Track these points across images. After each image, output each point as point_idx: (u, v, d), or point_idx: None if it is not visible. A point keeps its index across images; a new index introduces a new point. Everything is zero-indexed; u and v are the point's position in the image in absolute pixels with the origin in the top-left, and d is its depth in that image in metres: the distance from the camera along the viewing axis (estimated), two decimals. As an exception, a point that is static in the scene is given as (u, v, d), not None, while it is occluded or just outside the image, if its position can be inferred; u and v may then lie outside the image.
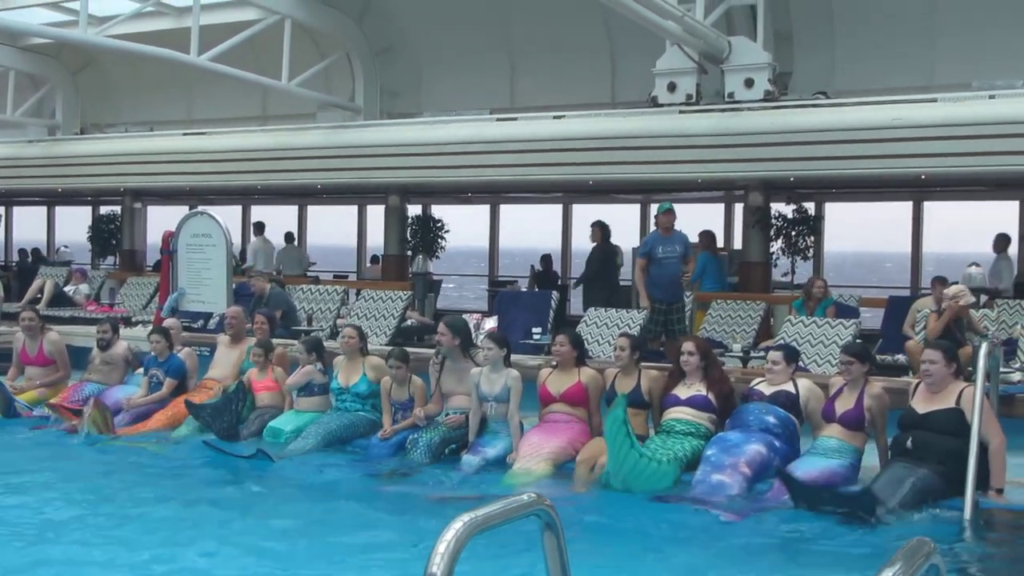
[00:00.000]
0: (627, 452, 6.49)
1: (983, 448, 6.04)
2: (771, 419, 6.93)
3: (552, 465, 7.08)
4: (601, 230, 14.74)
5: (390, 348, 8.79)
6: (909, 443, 6.23)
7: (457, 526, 2.40)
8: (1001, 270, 14.15)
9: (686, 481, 6.63)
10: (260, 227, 19.35)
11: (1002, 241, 14.46)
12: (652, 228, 11.81)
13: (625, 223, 19.83)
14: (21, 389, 9.63)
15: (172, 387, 9.18)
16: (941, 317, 9.40)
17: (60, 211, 25.39)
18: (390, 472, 7.32)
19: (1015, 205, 16.14)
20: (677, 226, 10.88)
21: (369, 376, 8.34)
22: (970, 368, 6.55)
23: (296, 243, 19.70)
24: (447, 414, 7.89)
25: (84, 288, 16.40)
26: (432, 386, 8.01)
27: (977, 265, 12.28)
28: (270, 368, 8.88)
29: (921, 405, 6.36)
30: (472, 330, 8.99)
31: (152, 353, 9.39)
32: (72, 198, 22.53)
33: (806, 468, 6.50)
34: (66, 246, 22.39)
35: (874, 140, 12.03)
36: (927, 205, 16.75)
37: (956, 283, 11.38)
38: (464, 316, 10.66)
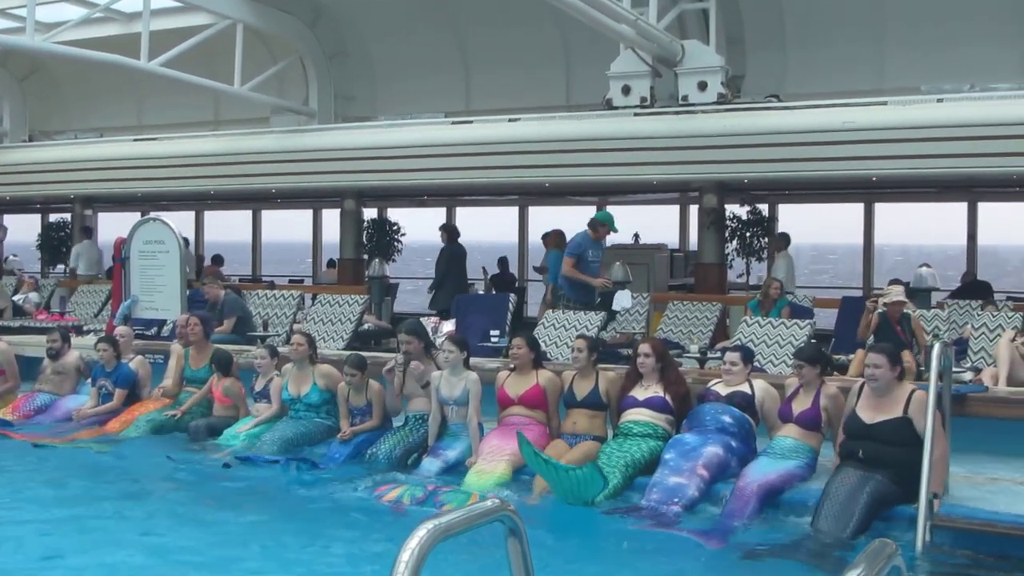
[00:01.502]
0: (550, 470, 6.54)
1: (916, 457, 5.86)
2: (727, 419, 6.97)
3: (511, 467, 7.06)
4: (448, 232, 15.26)
5: (347, 354, 8.73)
6: (860, 454, 6.17)
7: (421, 534, 2.38)
8: (780, 269, 14.48)
9: (641, 486, 6.63)
10: (87, 231, 19.28)
11: (782, 240, 15.03)
12: (585, 230, 12.04)
13: (582, 225, 19.88)
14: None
15: (123, 397, 9.06)
16: (870, 317, 9.57)
17: (8, 219, 24.97)
18: (349, 479, 7.26)
19: (963, 207, 16.40)
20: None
21: (319, 384, 8.28)
22: (923, 368, 6.60)
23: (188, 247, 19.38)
24: (405, 419, 7.87)
25: (34, 297, 16.12)
26: (396, 390, 7.97)
27: (928, 266, 12.46)
28: (222, 380, 8.77)
29: (868, 413, 6.29)
30: (431, 333, 8.96)
31: (100, 363, 9.25)
32: (21, 205, 22.17)
33: (764, 471, 6.49)
34: (15, 255, 22.03)
35: (826, 143, 12.19)
36: (878, 207, 16.98)
37: (908, 284, 11.55)
38: (421, 319, 10.63)
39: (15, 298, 15.75)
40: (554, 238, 14.64)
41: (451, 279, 14.82)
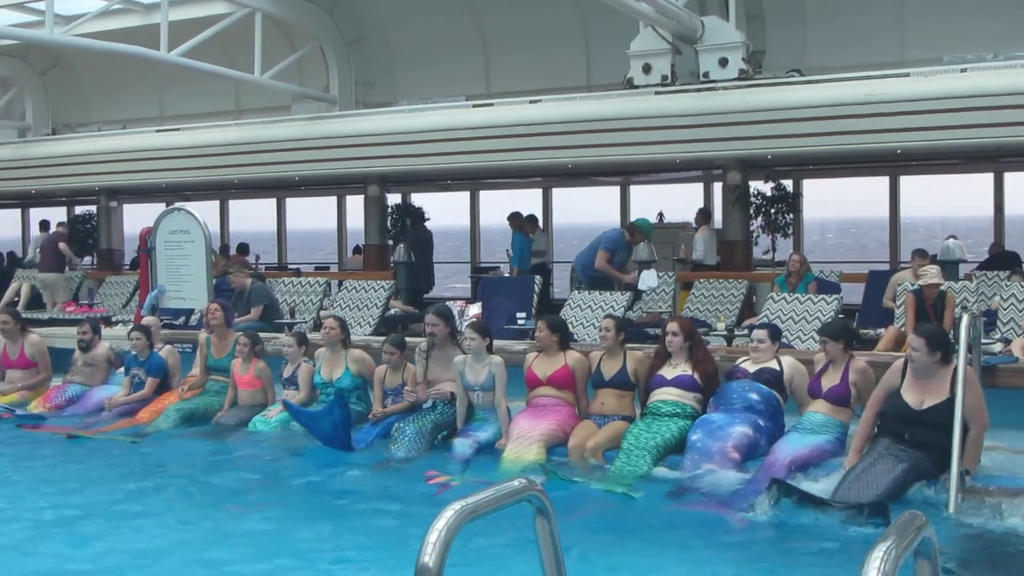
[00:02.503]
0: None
1: (964, 429, 5.91)
2: (754, 396, 6.95)
3: (544, 448, 7.08)
4: (411, 217, 16.21)
5: (384, 336, 8.74)
6: (906, 436, 6.04)
7: (448, 515, 2.38)
8: (698, 243, 15.16)
9: (671, 464, 6.63)
10: (44, 224, 19.49)
11: (702, 216, 15.48)
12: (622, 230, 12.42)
13: (607, 206, 19.91)
14: (2, 392, 9.55)
15: (154, 385, 9.13)
16: (910, 308, 9.43)
17: (35, 212, 25.17)
18: (381, 463, 7.28)
19: (989, 177, 16.24)
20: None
21: (352, 369, 8.31)
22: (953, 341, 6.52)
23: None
24: (432, 403, 7.89)
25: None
26: (419, 376, 8.00)
27: (955, 238, 12.34)
28: (253, 361, 8.81)
29: (914, 398, 6.11)
30: (457, 317, 8.97)
31: (132, 352, 9.32)
32: (46, 199, 22.35)
33: (795, 446, 6.50)
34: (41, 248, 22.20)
35: (849, 116, 12.09)
36: (903, 179, 16.84)
37: (935, 257, 11.45)
38: (448, 303, 10.65)
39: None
40: (516, 220, 15.27)
41: (419, 263, 15.41)
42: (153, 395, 9.06)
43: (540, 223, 17.81)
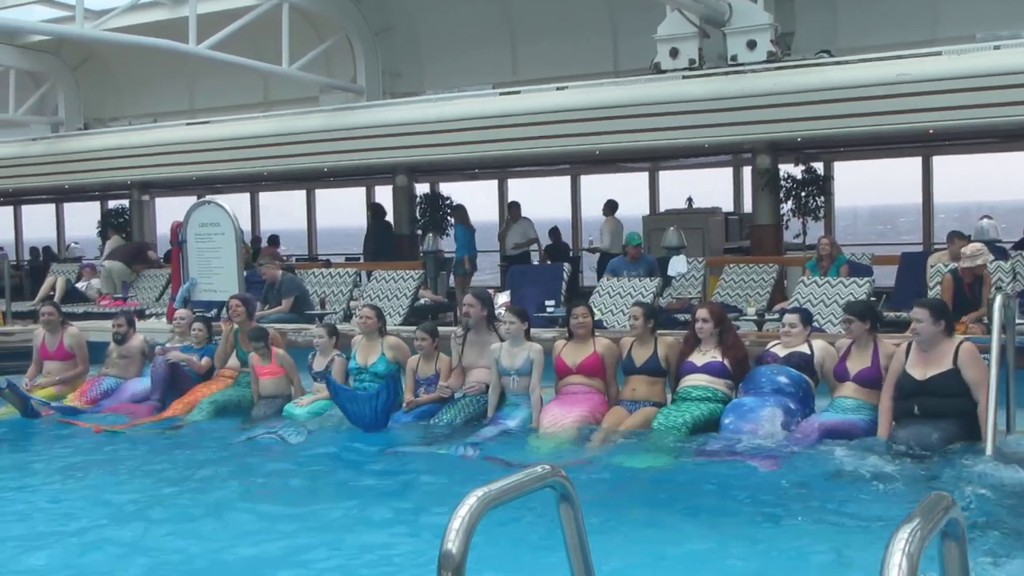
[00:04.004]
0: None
1: (973, 405, 6.07)
2: (783, 379, 6.91)
3: (573, 433, 7.10)
4: (372, 210, 16.79)
5: (416, 324, 8.77)
6: (916, 410, 6.18)
7: (471, 501, 2.38)
8: (604, 232, 15.94)
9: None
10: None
11: (608, 207, 16.08)
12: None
13: (635, 192, 19.85)
14: (40, 385, 9.65)
15: (209, 364, 9.22)
16: (948, 290, 9.31)
17: (68, 207, 25.44)
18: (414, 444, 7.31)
19: (1024, 156, 16.04)
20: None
21: (388, 356, 8.33)
22: (986, 322, 6.49)
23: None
24: (464, 393, 7.92)
25: (96, 283, 16.41)
26: (453, 362, 8.03)
27: (990, 218, 12.19)
28: (272, 352, 8.84)
29: (918, 370, 6.27)
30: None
31: (188, 343, 9.40)
32: (80, 194, 22.57)
33: (828, 417, 6.62)
34: (76, 242, 22.44)
35: (880, 96, 11.96)
36: (936, 160, 16.66)
37: (969, 237, 11.28)
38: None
39: (78, 284, 16.06)
40: (458, 213, 16.58)
41: (383, 255, 16.16)
42: (190, 384, 9.10)
43: (544, 213, 18.04)
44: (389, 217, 17.48)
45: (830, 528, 5.16)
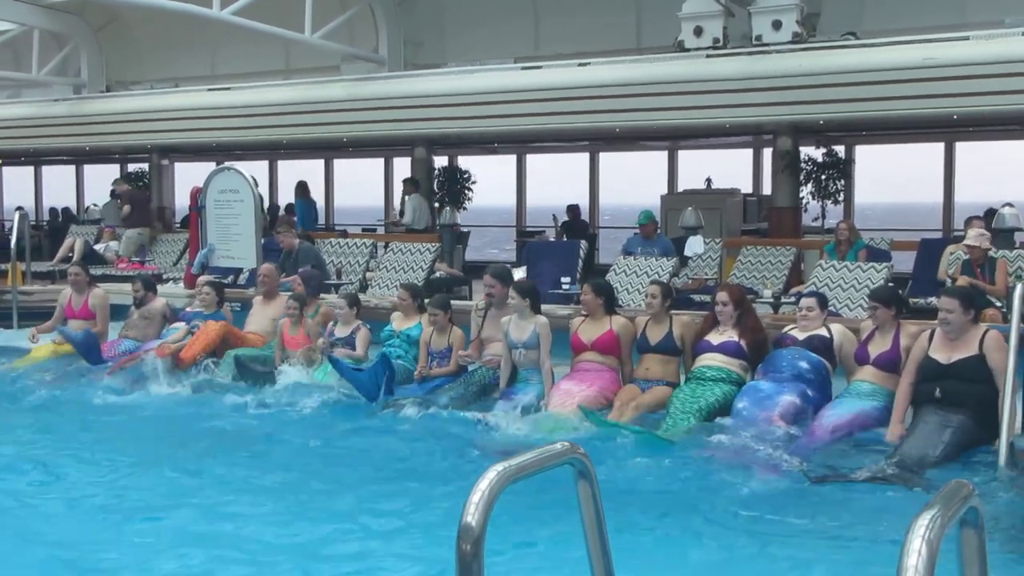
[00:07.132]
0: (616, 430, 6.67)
1: (994, 393, 6.01)
2: (804, 364, 6.89)
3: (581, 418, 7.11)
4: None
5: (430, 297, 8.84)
6: (938, 393, 6.15)
7: (491, 476, 2.40)
8: (408, 209, 16.01)
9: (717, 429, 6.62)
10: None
11: (410, 184, 16.18)
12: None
13: (653, 170, 19.79)
14: (58, 343, 9.77)
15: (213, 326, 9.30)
16: (962, 274, 9.29)
17: (88, 170, 25.52)
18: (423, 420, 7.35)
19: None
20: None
21: (424, 323, 8.43)
22: (1005, 310, 6.47)
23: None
24: (478, 366, 7.98)
25: (115, 245, 16.49)
26: (473, 334, 8.09)
27: (1011, 205, 12.11)
28: (303, 322, 8.89)
29: (943, 354, 6.25)
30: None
31: (199, 308, 9.48)
32: (100, 156, 22.63)
33: (839, 412, 6.50)
34: (95, 204, 22.51)
35: (905, 80, 11.87)
36: (959, 146, 16.54)
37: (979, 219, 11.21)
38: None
39: (96, 246, 16.14)
40: (299, 189, 17.70)
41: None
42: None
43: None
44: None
45: (826, 540, 5.08)
